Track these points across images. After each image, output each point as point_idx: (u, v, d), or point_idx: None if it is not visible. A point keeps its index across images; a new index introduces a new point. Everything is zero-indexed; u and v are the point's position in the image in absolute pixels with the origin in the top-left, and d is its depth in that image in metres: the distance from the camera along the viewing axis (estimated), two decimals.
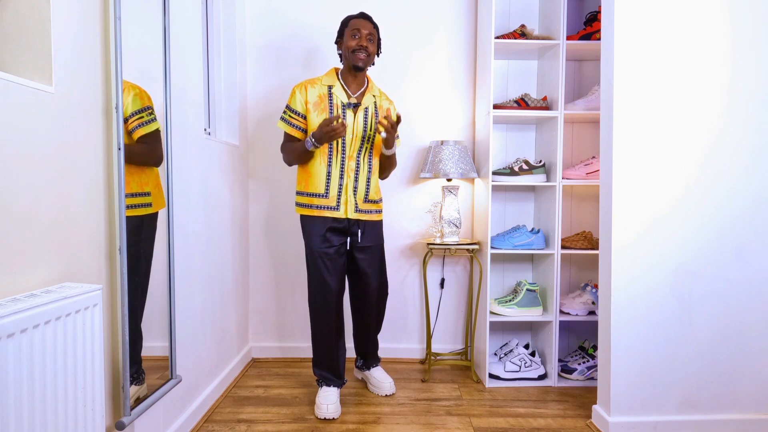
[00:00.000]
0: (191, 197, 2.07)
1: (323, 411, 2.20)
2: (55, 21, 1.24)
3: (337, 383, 2.32)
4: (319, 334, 2.31)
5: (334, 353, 2.32)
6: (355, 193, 2.24)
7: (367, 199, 2.28)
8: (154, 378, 1.73)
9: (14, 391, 1.00)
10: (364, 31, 2.20)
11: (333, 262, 2.25)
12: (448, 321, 3.01)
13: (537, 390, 2.57)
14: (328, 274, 2.24)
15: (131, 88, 1.52)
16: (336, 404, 2.22)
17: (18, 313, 1.01)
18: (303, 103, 2.22)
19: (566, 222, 2.90)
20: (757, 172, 2.05)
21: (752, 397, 2.09)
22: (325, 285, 2.24)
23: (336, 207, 2.23)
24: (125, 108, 1.50)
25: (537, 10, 2.88)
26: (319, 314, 2.28)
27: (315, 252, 2.24)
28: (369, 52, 2.21)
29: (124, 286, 1.47)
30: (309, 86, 2.23)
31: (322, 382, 2.33)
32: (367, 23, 2.22)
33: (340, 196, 2.22)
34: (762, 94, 2.04)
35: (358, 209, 2.26)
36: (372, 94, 2.30)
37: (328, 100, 2.21)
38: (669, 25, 2.01)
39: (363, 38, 2.19)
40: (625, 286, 2.05)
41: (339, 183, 2.21)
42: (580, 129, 2.89)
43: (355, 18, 2.25)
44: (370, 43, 2.21)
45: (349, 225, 2.28)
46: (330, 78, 2.26)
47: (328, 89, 2.23)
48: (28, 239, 1.17)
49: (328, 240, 2.24)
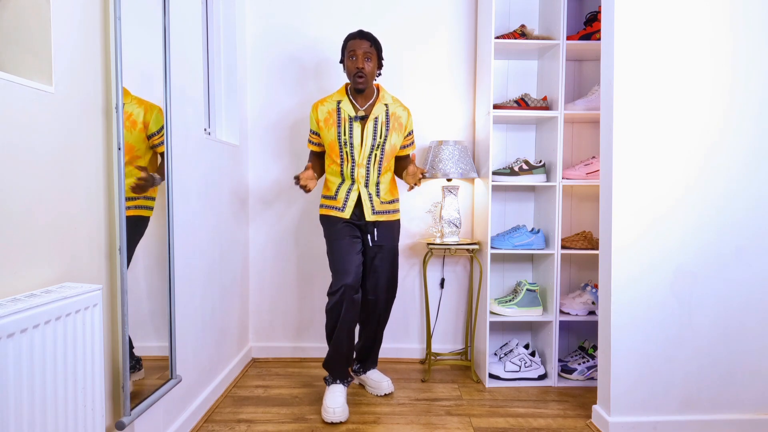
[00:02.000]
0: (191, 197, 2.07)
1: (330, 415, 2.16)
2: (55, 21, 1.24)
3: (345, 379, 2.30)
4: (334, 324, 2.27)
5: (346, 346, 2.28)
6: (369, 197, 2.36)
7: (381, 201, 2.39)
8: (154, 378, 1.73)
9: (14, 391, 1.00)
10: (360, 51, 2.27)
11: (351, 249, 2.30)
12: (448, 321, 3.01)
13: (537, 390, 2.57)
14: (345, 264, 2.26)
15: (153, 106, 1.69)
16: (343, 407, 2.19)
17: (18, 313, 1.01)
18: (316, 122, 2.39)
19: (566, 222, 2.90)
20: (757, 173, 2.05)
21: (752, 397, 2.09)
22: (342, 275, 2.24)
23: (342, 208, 2.36)
24: (151, 125, 1.66)
25: (537, 10, 2.88)
26: (335, 305, 2.24)
27: (334, 239, 2.34)
28: (366, 72, 2.28)
29: (125, 286, 1.47)
30: (320, 105, 2.39)
31: (330, 380, 2.32)
32: (362, 42, 2.29)
33: (347, 200, 2.36)
34: (762, 94, 2.04)
35: (375, 211, 2.37)
36: (383, 103, 2.38)
37: (336, 116, 2.34)
38: (669, 25, 2.01)
39: (359, 60, 2.27)
40: (625, 286, 2.05)
41: (348, 188, 2.36)
42: (580, 129, 2.89)
43: (352, 39, 2.32)
44: (368, 63, 2.28)
45: (364, 225, 2.38)
46: (340, 94, 2.40)
47: (337, 104, 2.36)
48: (28, 239, 1.17)
49: (347, 227, 2.35)
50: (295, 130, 2.96)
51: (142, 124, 1.62)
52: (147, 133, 1.65)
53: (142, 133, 1.62)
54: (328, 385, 2.31)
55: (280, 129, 2.96)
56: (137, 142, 1.59)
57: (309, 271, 3.00)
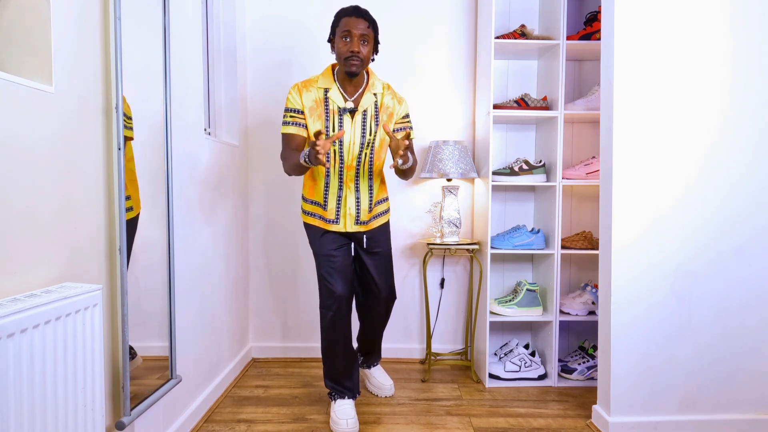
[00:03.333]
0: (191, 197, 2.07)
1: (343, 427, 2.05)
2: (55, 21, 1.24)
3: (351, 394, 2.18)
4: (328, 342, 2.15)
5: (345, 361, 2.18)
6: (358, 204, 2.11)
7: (371, 208, 2.16)
8: (154, 378, 1.73)
9: (14, 391, 1.00)
10: (356, 32, 1.96)
11: (338, 265, 2.11)
12: (448, 321, 3.01)
13: (537, 390, 2.57)
14: (333, 277, 2.09)
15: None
16: (355, 419, 2.08)
17: (18, 313, 1.01)
18: (300, 102, 2.05)
19: (566, 222, 2.90)
20: (757, 172, 2.05)
21: (752, 397, 2.09)
22: (332, 289, 2.09)
23: (335, 221, 2.12)
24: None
25: (537, 10, 2.88)
26: (327, 320, 2.11)
27: (319, 255, 2.14)
28: (362, 56, 1.98)
29: (124, 286, 1.47)
30: (304, 90, 2.06)
31: (335, 395, 2.18)
32: (360, 21, 1.97)
33: (339, 209, 2.11)
34: (762, 94, 2.04)
35: (359, 221, 2.13)
36: (372, 92, 2.09)
37: (324, 106, 2.05)
38: (669, 25, 2.01)
39: (355, 42, 1.96)
40: (625, 286, 2.05)
41: (338, 195, 2.09)
42: (580, 129, 2.89)
43: (347, 16, 1.99)
44: (364, 46, 1.98)
45: (353, 233, 2.18)
46: (326, 79, 2.07)
47: (324, 93, 2.05)
48: (28, 239, 1.17)
49: (332, 242, 2.14)
50: None
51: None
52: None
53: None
54: (334, 400, 2.17)
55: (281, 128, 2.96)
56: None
57: (309, 271, 2.99)
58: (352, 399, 2.18)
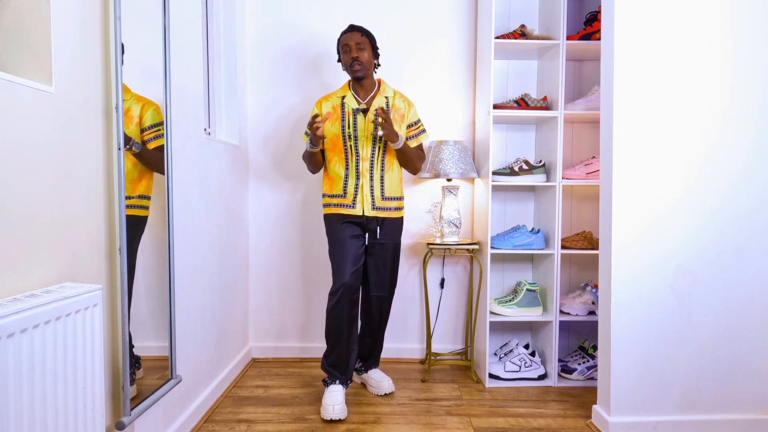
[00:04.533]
0: (191, 197, 2.07)
1: (329, 412, 2.17)
2: (55, 21, 1.24)
3: (343, 380, 2.31)
4: (329, 325, 2.32)
5: (345, 347, 2.31)
6: (372, 191, 2.37)
7: (384, 196, 2.39)
8: (154, 378, 1.73)
9: (14, 391, 1.00)
10: (352, 43, 2.33)
11: (350, 253, 2.31)
12: (448, 321, 3.01)
13: (537, 390, 2.57)
14: (343, 264, 2.29)
15: (150, 103, 1.70)
16: (342, 405, 2.21)
17: (18, 313, 1.01)
18: (320, 111, 2.41)
19: (566, 222, 2.90)
20: (757, 172, 2.05)
21: (752, 397, 2.09)
22: (340, 275, 2.28)
23: (352, 205, 2.37)
24: (144, 119, 1.66)
25: (537, 10, 2.88)
26: (332, 304, 2.28)
27: (335, 241, 2.36)
28: (363, 60, 2.32)
29: (124, 286, 1.47)
30: (324, 101, 2.43)
31: (328, 381, 2.32)
32: (353, 35, 2.34)
33: (357, 195, 2.36)
34: (762, 94, 2.04)
35: (375, 207, 2.37)
36: (384, 96, 2.42)
37: (340, 110, 2.39)
38: (669, 25, 2.01)
39: (353, 50, 2.32)
40: (625, 286, 2.05)
41: (355, 184, 2.37)
42: (580, 129, 2.89)
43: (343, 34, 2.38)
44: (362, 52, 2.33)
45: (367, 221, 2.37)
46: (343, 90, 2.44)
47: (341, 100, 2.40)
48: (29, 239, 1.17)
49: (348, 227, 2.36)
50: (296, 129, 2.96)
51: (138, 117, 1.63)
52: (141, 127, 1.65)
53: (138, 127, 1.63)
54: (326, 386, 2.31)
55: (281, 128, 2.96)
56: (134, 136, 1.61)
57: (309, 271, 3.00)
58: (342, 385, 2.31)
